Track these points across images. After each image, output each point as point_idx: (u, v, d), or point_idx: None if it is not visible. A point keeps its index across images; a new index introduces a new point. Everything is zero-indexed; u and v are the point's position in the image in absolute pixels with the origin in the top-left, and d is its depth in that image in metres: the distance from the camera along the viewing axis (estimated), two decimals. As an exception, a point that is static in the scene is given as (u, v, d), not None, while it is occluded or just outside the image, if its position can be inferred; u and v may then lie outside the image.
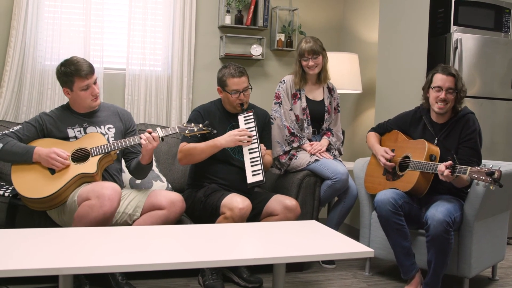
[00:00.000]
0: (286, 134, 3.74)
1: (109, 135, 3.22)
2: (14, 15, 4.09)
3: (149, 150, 3.08)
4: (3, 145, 2.97)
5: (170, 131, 3.13)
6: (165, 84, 4.56)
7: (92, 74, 3.13)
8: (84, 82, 3.09)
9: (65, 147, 3.07)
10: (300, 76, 3.81)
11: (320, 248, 2.46)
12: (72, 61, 3.11)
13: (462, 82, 3.23)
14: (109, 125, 3.26)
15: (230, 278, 3.31)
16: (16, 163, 3.02)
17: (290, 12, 4.98)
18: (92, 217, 2.79)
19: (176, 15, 4.54)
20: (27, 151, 2.98)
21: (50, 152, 2.97)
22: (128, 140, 3.09)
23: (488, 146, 4.62)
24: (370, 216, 3.59)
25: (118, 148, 3.08)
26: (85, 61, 3.13)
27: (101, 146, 3.05)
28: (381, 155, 3.46)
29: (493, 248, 3.43)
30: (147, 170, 3.27)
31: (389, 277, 3.59)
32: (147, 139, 3.04)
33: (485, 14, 4.85)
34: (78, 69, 3.06)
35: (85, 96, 3.13)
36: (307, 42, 3.77)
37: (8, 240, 2.32)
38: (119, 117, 3.33)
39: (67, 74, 3.07)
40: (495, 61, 4.80)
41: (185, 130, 3.14)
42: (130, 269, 2.10)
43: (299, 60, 3.79)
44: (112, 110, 3.34)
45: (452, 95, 3.20)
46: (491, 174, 2.75)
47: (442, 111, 3.24)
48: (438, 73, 3.25)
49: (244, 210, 3.05)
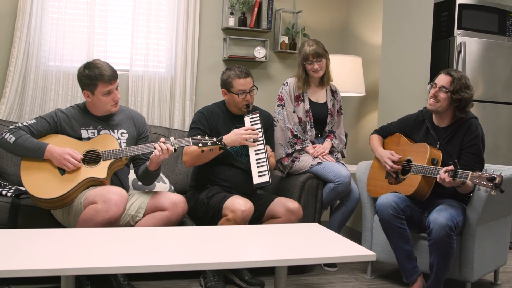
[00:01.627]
0: (289, 136, 3.73)
1: (122, 140, 3.20)
2: (18, 16, 4.10)
3: (160, 160, 3.07)
4: (15, 139, 2.96)
5: (184, 143, 3.09)
6: (168, 86, 4.57)
7: (115, 80, 3.09)
8: (108, 87, 3.05)
9: (77, 147, 3.06)
10: (303, 80, 3.80)
11: (322, 251, 2.46)
12: (96, 64, 3.06)
13: (464, 88, 3.16)
14: (123, 130, 3.23)
15: (231, 280, 3.31)
16: (26, 159, 3.00)
17: (294, 15, 4.98)
18: (97, 221, 2.79)
19: (180, 17, 4.55)
20: (39, 147, 2.96)
21: (63, 152, 2.95)
22: (141, 147, 3.07)
23: (491, 149, 4.61)
24: (372, 219, 3.59)
25: (130, 155, 3.07)
26: (109, 66, 3.09)
27: (113, 150, 3.03)
28: (387, 157, 3.42)
29: (495, 253, 3.42)
30: (154, 177, 3.24)
31: (391, 280, 3.58)
32: (161, 150, 3.00)
33: (489, 18, 4.85)
34: (102, 74, 3.02)
35: (106, 101, 3.10)
36: (310, 45, 3.76)
37: (10, 240, 2.32)
38: (133, 122, 3.29)
39: (90, 77, 3.03)
40: (498, 65, 4.79)
41: (198, 143, 3.07)
42: (132, 270, 2.10)
43: (302, 64, 3.78)
44: (127, 113, 3.30)
45: (446, 94, 3.18)
46: (492, 180, 2.74)
47: (432, 107, 3.23)
48: (441, 72, 3.26)
49: (246, 212, 3.05)
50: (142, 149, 3.07)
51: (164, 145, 3.01)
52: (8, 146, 2.98)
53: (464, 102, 3.18)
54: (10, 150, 3.02)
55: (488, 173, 2.78)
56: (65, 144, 3.05)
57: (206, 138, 3.10)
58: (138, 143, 3.25)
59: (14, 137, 2.96)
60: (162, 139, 3.05)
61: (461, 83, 3.17)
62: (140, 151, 3.07)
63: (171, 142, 3.05)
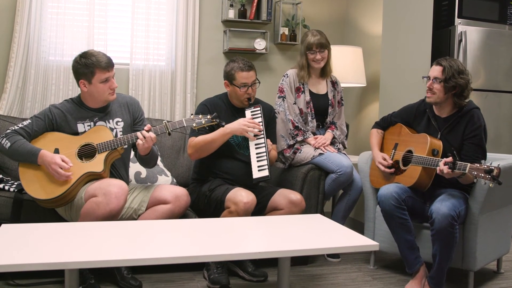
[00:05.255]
0: (290, 128, 3.73)
1: (117, 130, 3.20)
2: (18, 11, 4.09)
3: (145, 148, 3.05)
4: (11, 144, 2.95)
5: (177, 125, 3.09)
6: (169, 79, 4.56)
7: (112, 67, 3.10)
8: (105, 74, 3.06)
9: (72, 142, 3.05)
10: (306, 69, 3.79)
11: (325, 242, 2.46)
12: (92, 53, 3.08)
13: (457, 74, 3.13)
14: (118, 118, 3.23)
15: (235, 272, 3.32)
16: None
17: (294, 6, 4.96)
18: (98, 214, 2.79)
19: (180, 10, 4.53)
20: (32, 154, 2.95)
21: (51, 162, 2.92)
22: (129, 136, 3.05)
23: (493, 138, 4.60)
24: (374, 210, 3.59)
25: (124, 145, 3.07)
26: (104, 54, 3.11)
27: (107, 142, 3.03)
28: (378, 162, 3.46)
29: (498, 241, 3.43)
30: (149, 160, 3.24)
31: (393, 270, 3.59)
32: (144, 138, 3.01)
33: (490, 7, 4.83)
34: (99, 61, 3.04)
35: (104, 90, 3.09)
36: (314, 35, 3.75)
37: (14, 235, 2.33)
38: (128, 109, 3.29)
39: (88, 65, 3.03)
40: (499, 54, 4.78)
41: (192, 123, 3.09)
42: (136, 263, 2.11)
43: (305, 53, 3.78)
44: (121, 101, 3.29)
45: (439, 85, 3.17)
46: (489, 172, 2.73)
47: (429, 100, 3.24)
48: (433, 64, 3.26)
49: (248, 204, 3.05)
50: (131, 138, 3.05)
51: (147, 134, 3.01)
52: (5, 151, 2.99)
53: (460, 88, 3.16)
54: (7, 156, 3.04)
55: (486, 165, 2.77)
56: (60, 141, 3.05)
57: (200, 116, 3.10)
58: (135, 128, 3.25)
59: (9, 142, 2.96)
60: (146, 127, 3.05)
61: (452, 70, 3.14)
62: (130, 141, 3.05)
63: (163, 127, 3.06)
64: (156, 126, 3.09)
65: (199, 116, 3.11)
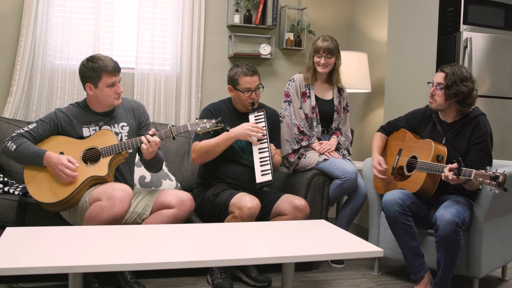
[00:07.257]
0: (295, 132, 3.73)
1: (123, 134, 3.21)
2: (24, 15, 4.12)
3: (149, 152, 3.06)
4: (16, 147, 2.96)
5: (182, 130, 3.09)
6: (174, 83, 4.57)
7: (118, 72, 3.11)
8: (112, 79, 3.07)
9: (77, 146, 3.06)
10: (312, 71, 3.80)
11: (329, 248, 2.46)
12: (99, 57, 3.09)
13: (459, 81, 3.11)
14: (123, 123, 3.23)
15: (238, 277, 3.31)
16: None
17: (299, 11, 4.97)
18: (103, 218, 2.80)
19: (185, 15, 4.55)
20: (37, 155, 2.96)
21: (58, 162, 2.93)
22: (134, 140, 3.06)
23: (498, 145, 4.57)
24: (379, 216, 3.58)
25: (128, 149, 3.07)
26: (111, 58, 3.12)
27: (111, 146, 3.03)
28: (373, 165, 3.47)
29: (503, 248, 3.41)
30: (155, 164, 3.24)
31: (398, 277, 3.58)
32: (148, 143, 3.01)
33: (495, 13, 4.83)
34: (106, 65, 3.05)
35: (109, 94, 3.10)
36: (325, 40, 3.76)
37: (18, 238, 2.33)
38: (133, 113, 3.29)
39: (94, 69, 3.04)
40: (505, 60, 4.77)
41: (197, 127, 3.08)
42: (140, 267, 2.11)
43: (313, 56, 3.79)
44: (125, 105, 3.29)
45: (441, 91, 3.17)
46: (495, 178, 2.72)
47: (431, 106, 3.25)
48: (438, 70, 3.26)
49: (253, 209, 3.05)
50: (135, 142, 3.05)
51: (151, 138, 3.02)
52: (11, 154, 3.00)
53: (462, 95, 3.14)
54: (13, 158, 3.05)
55: (491, 171, 2.76)
56: (65, 144, 3.06)
57: (204, 121, 3.10)
58: (140, 133, 3.25)
59: (15, 145, 2.97)
60: (151, 131, 3.05)
61: (455, 77, 3.12)
62: (134, 145, 3.05)
63: (168, 131, 3.06)
64: (160, 131, 3.09)
65: (203, 121, 3.11)
